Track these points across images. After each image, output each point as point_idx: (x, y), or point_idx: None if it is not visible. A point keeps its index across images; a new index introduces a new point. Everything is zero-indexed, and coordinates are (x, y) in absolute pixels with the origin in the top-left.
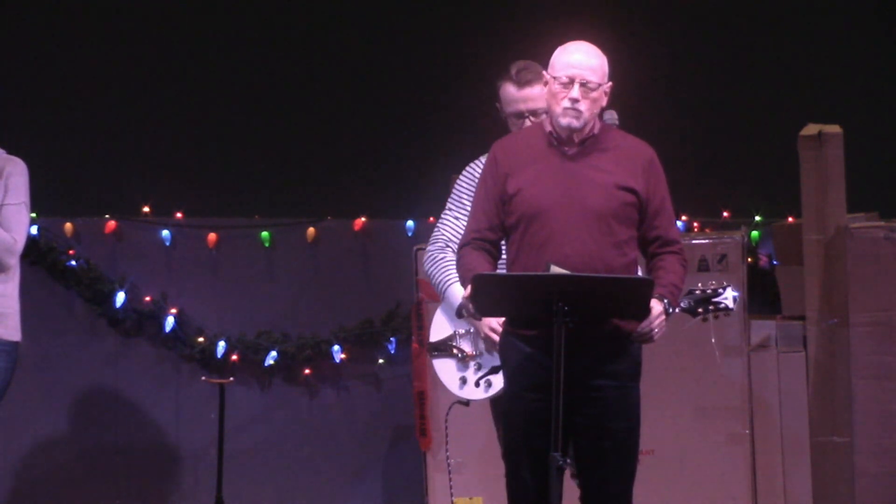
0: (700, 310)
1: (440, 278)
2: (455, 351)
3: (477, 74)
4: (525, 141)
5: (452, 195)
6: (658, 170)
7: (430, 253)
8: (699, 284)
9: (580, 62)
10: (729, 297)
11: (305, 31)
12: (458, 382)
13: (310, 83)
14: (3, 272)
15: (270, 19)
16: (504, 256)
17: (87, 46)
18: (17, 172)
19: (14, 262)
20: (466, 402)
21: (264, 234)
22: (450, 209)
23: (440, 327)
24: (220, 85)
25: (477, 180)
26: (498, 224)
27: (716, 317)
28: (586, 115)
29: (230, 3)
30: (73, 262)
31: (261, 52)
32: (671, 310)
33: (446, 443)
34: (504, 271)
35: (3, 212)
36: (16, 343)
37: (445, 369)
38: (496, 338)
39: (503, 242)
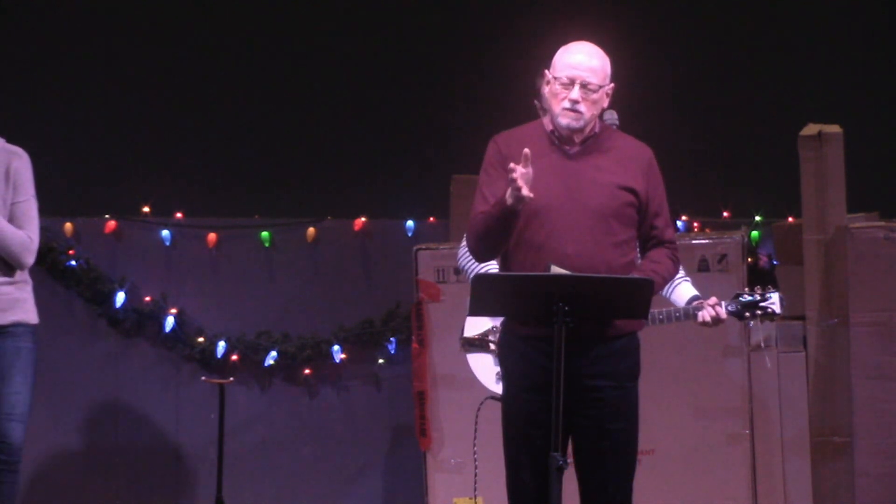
0: (747, 314)
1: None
2: (492, 346)
3: (477, 75)
4: (526, 138)
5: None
6: (657, 171)
7: (464, 248)
8: (746, 289)
9: (581, 63)
10: (776, 301)
11: (305, 31)
12: (494, 377)
13: (310, 83)
14: (22, 270)
15: (270, 19)
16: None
17: (87, 46)
18: (22, 167)
19: (32, 260)
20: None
21: (264, 234)
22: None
23: (476, 322)
24: (221, 85)
25: None
26: None
27: (762, 321)
28: (586, 115)
29: (230, 4)
30: (73, 262)
31: (261, 53)
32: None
33: (474, 439)
34: (500, 269)
35: (15, 210)
36: (36, 325)
37: (481, 364)
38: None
39: None
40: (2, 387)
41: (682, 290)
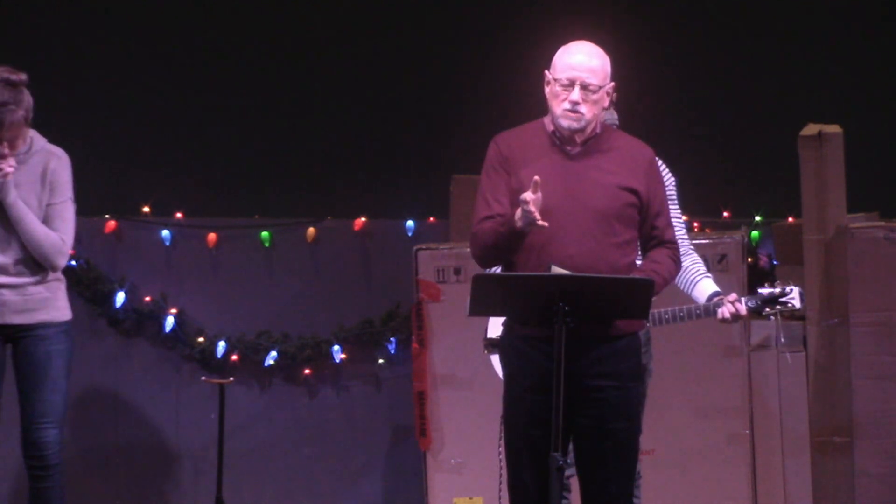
0: (767, 308)
1: None
2: None
3: (477, 74)
4: (526, 139)
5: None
6: (657, 171)
7: None
8: (766, 284)
9: (581, 64)
10: (796, 296)
11: (305, 31)
12: None
13: (309, 83)
14: (54, 271)
15: (270, 19)
16: None
17: (87, 46)
18: (61, 168)
19: (64, 263)
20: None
21: (264, 234)
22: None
23: (499, 323)
24: (220, 85)
25: None
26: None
27: (783, 315)
28: (587, 116)
29: (230, 4)
30: (73, 262)
31: (261, 52)
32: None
33: (500, 440)
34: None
35: (50, 212)
36: (68, 321)
37: None
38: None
39: None
40: (32, 392)
41: (704, 286)
